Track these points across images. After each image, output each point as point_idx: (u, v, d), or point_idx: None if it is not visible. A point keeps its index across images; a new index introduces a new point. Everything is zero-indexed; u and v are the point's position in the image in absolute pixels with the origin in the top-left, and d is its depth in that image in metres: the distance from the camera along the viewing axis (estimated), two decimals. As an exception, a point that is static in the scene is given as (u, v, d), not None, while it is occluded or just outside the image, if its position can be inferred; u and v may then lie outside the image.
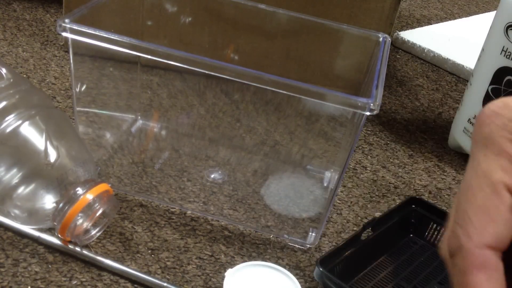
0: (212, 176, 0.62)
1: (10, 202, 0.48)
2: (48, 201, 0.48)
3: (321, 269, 0.46)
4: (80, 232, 0.48)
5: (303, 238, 0.55)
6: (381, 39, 0.57)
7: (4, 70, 0.51)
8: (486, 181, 0.21)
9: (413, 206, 0.57)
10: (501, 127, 0.21)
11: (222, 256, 0.52)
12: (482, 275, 0.20)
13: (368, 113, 0.44)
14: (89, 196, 0.47)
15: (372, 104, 0.44)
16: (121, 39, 0.46)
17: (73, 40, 0.49)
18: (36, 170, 0.47)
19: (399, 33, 1.06)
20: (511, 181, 0.21)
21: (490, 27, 0.69)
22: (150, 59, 0.46)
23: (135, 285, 0.48)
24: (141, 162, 0.62)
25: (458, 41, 1.06)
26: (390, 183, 0.66)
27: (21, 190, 0.47)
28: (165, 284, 0.47)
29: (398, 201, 0.63)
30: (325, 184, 0.63)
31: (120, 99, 0.67)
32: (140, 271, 0.48)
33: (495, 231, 0.20)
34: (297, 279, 0.47)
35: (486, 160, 0.21)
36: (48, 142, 0.48)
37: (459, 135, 0.73)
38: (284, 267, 0.49)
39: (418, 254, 0.55)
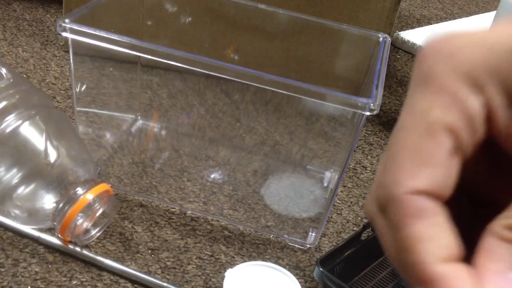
0: (212, 176, 0.62)
1: (10, 202, 0.48)
2: (48, 201, 0.48)
3: (321, 269, 0.46)
4: (80, 232, 0.48)
5: (303, 238, 0.55)
6: (381, 39, 0.57)
7: (4, 70, 0.51)
8: (421, 120, 0.18)
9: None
10: (443, 62, 0.18)
11: (222, 256, 0.52)
12: (420, 224, 0.17)
13: (368, 113, 0.44)
14: (89, 196, 0.47)
15: (372, 104, 0.44)
16: (121, 39, 0.46)
17: (73, 40, 0.49)
18: (36, 170, 0.47)
19: (399, 33, 1.06)
20: (453, 120, 0.18)
21: (490, 27, 0.69)
22: (150, 59, 0.46)
23: (135, 285, 0.48)
24: (141, 162, 0.62)
25: (458, 41, 1.06)
26: (390, 183, 0.66)
27: (21, 190, 0.47)
28: (165, 284, 0.47)
29: (398, 201, 0.63)
30: (325, 184, 0.63)
31: (120, 99, 0.67)
32: (140, 271, 0.48)
33: (429, 175, 0.17)
34: (297, 279, 0.47)
35: (424, 98, 0.18)
36: (48, 142, 0.48)
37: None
38: (284, 267, 0.49)
39: None
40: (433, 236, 0.17)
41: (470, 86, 0.17)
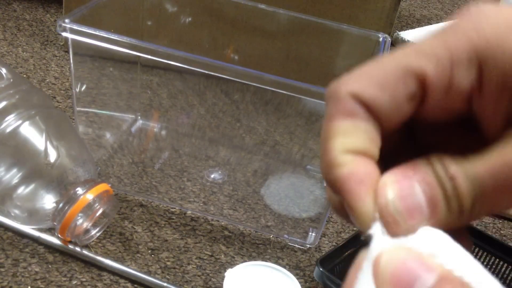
0: (212, 176, 0.62)
1: (10, 202, 0.48)
2: (48, 201, 0.48)
3: (321, 269, 0.46)
4: (80, 232, 0.48)
5: (303, 238, 0.55)
6: (381, 39, 0.57)
7: (4, 70, 0.51)
8: (398, 63, 0.18)
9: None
10: (469, 27, 0.18)
11: (222, 256, 0.52)
12: (344, 121, 0.18)
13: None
14: (89, 196, 0.47)
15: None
16: (121, 39, 0.46)
17: (73, 40, 0.49)
18: (36, 170, 0.47)
19: (399, 33, 1.06)
20: (433, 75, 0.18)
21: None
22: (150, 59, 0.46)
23: (135, 285, 0.48)
24: (141, 162, 0.62)
25: (458, 41, 1.06)
26: (390, 183, 0.66)
27: (21, 190, 0.47)
28: (165, 284, 0.47)
29: (398, 201, 0.63)
30: (325, 184, 0.63)
31: (120, 99, 0.67)
32: (140, 271, 0.48)
33: (366, 85, 0.18)
34: (297, 279, 0.47)
35: (406, 48, 0.19)
36: (48, 142, 0.48)
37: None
38: (284, 267, 0.49)
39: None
40: (348, 133, 0.18)
41: (473, 61, 0.18)
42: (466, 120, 0.19)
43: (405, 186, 0.17)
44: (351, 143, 0.18)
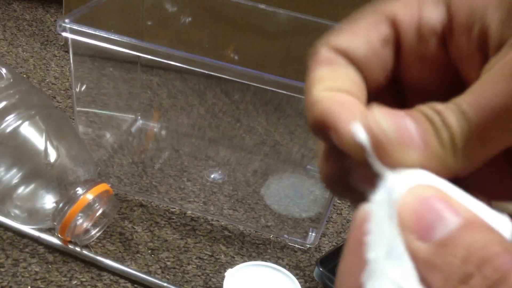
0: (212, 176, 0.62)
1: (10, 202, 0.48)
2: (48, 201, 0.48)
3: (321, 269, 0.46)
4: (80, 232, 0.48)
5: (303, 238, 0.55)
6: (381, 39, 0.57)
7: (4, 70, 0.51)
8: (369, 10, 0.19)
9: (413, 206, 0.57)
10: None
11: (222, 256, 0.52)
12: (324, 70, 0.19)
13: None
14: (89, 196, 0.47)
15: (372, 104, 0.44)
16: (121, 39, 0.46)
17: (73, 40, 0.49)
18: (36, 170, 0.47)
19: (399, 33, 1.06)
20: (403, 17, 0.19)
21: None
22: (150, 59, 0.46)
23: (135, 285, 0.48)
24: (141, 162, 0.62)
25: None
26: (390, 183, 0.66)
27: (21, 190, 0.47)
28: (165, 284, 0.47)
29: (398, 201, 0.63)
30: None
31: (120, 99, 0.67)
32: (140, 271, 0.48)
33: (349, 39, 0.19)
34: (297, 279, 0.47)
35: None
36: (48, 142, 0.48)
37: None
38: (284, 267, 0.49)
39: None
40: (328, 77, 0.18)
41: None
42: (454, 87, 0.19)
43: (395, 117, 0.17)
44: (332, 84, 0.18)
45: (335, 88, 0.18)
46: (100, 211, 0.48)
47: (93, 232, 0.50)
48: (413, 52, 0.19)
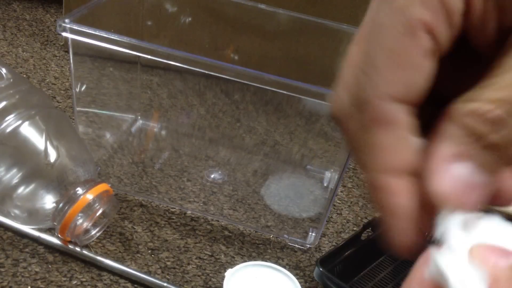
0: (212, 176, 0.62)
1: (10, 202, 0.48)
2: (48, 201, 0.48)
3: (321, 269, 0.46)
4: (80, 232, 0.48)
5: (303, 238, 0.55)
6: (381, 39, 0.57)
7: (4, 70, 0.51)
8: (400, 18, 0.16)
9: (413, 206, 0.57)
10: None
11: (222, 256, 0.52)
12: (386, 132, 0.17)
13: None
14: (89, 196, 0.47)
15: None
16: (121, 39, 0.46)
17: (73, 40, 0.49)
18: (36, 170, 0.47)
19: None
20: (432, 19, 0.17)
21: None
22: (150, 59, 0.46)
23: (135, 285, 0.48)
24: (141, 162, 0.62)
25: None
26: (390, 183, 0.66)
27: (21, 190, 0.47)
28: (165, 284, 0.47)
29: (398, 201, 0.63)
30: (325, 184, 0.63)
31: (120, 99, 0.67)
32: (140, 271, 0.48)
33: (406, 80, 0.17)
34: (297, 279, 0.47)
35: None
36: (48, 142, 0.48)
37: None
38: (284, 267, 0.49)
39: (418, 254, 0.54)
40: (390, 147, 0.17)
41: None
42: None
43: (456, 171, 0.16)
44: (396, 159, 0.17)
45: (399, 169, 0.17)
46: (100, 211, 0.48)
47: (93, 232, 0.50)
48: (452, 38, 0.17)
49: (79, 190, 0.47)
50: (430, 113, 0.19)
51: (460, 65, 0.19)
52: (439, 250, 0.17)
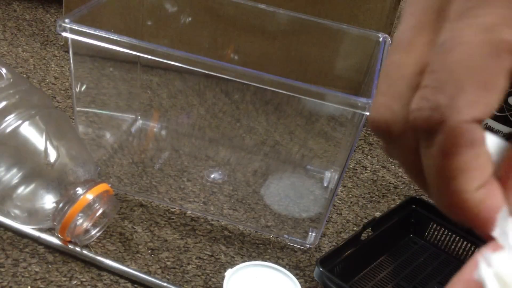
0: (212, 176, 0.62)
1: (10, 202, 0.48)
2: (48, 201, 0.48)
3: (321, 269, 0.46)
4: (80, 232, 0.48)
5: (303, 238, 0.55)
6: (381, 39, 0.57)
7: (4, 70, 0.51)
8: (488, 38, 0.16)
9: (413, 206, 0.57)
10: None
11: (222, 256, 0.52)
12: (470, 154, 0.16)
13: (368, 113, 0.44)
14: (89, 196, 0.47)
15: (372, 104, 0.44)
16: (121, 39, 0.46)
17: (73, 40, 0.49)
18: (36, 170, 0.47)
19: (399, 33, 1.05)
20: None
21: None
22: (150, 59, 0.46)
23: (135, 285, 0.48)
24: (141, 162, 0.62)
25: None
26: (390, 183, 0.66)
27: (21, 190, 0.47)
28: (165, 284, 0.47)
29: (398, 201, 0.63)
30: (325, 184, 0.63)
31: (120, 99, 0.67)
32: (140, 271, 0.48)
33: (489, 102, 0.16)
34: (297, 279, 0.47)
35: (491, 13, 0.16)
36: (48, 142, 0.48)
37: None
38: (284, 267, 0.49)
39: (418, 254, 0.55)
40: (477, 166, 0.17)
41: None
42: None
43: None
44: (481, 178, 0.17)
45: (484, 184, 0.17)
46: (100, 211, 0.48)
47: (93, 232, 0.50)
48: None
49: (79, 190, 0.47)
50: None
51: None
52: (494, 251, 0.17)
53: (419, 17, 0.18)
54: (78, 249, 0.49)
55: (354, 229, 0.58)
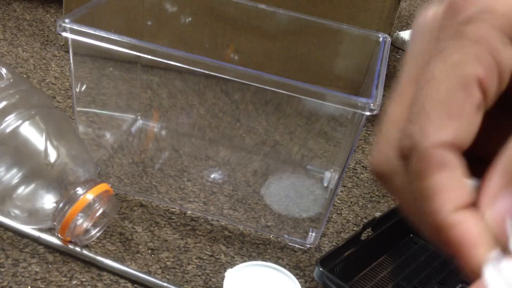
0: (212, 176, 0.62)
1: (10, 202, 0.48)
2: (48, 201, 0.48)
3: (321, 269, 0.46)
4: (80, 232, 0.48)
5: (303, 238, 0.55)
6: (381, 39, 0.57)
7: (4, 70, 0.51)
8: (455, 73, 0.18)
9: (413, 206, 0.57)
10: (485, 11, 0.18)
11: (222, 256, 0.52)
12: (442, 176, 0.18)
13: (368, 113, 0.44)
14: (89, 196, 0.47)
15: (372, 104, 0.44)
16: (121, 39, 0.46)
17: (73, 40, 0.49)
18: (36, 170, 0.47)
19: (399, 33, 1.06)
20: (485, 75, 0.18)
21: None
22: (150, 59, 0.46)
23: (135, 285, 0.48)
24: (141, 162, 0.62)
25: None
26: (390, 183, 0.66)
27: (21, 190, 0.47)
28: (165, 284, 0.47)
29: (398, 201, 0.63)
30: (325, 184, 0.63)
31: (120, 99, 0.67)
32: (140, 271, 0.48)
33: (455, 129, 0.18)
34: (297, 279, 0.47)
35: (460, 50, 0.18)
36: (48, 142, 0.48)
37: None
38: (284, 267, 0.49)
39: (418, 254, 0.55)
40: (450, 188, 0.18)
41: (505, 38, 0.18)
42: None
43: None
44: (455, 199, 0.18)
45: (460, 206, 0.18)
46: (100, 211, 0.48)
47: (93, 232, 0.50)
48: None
49: (79, 190, 0.47)
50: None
51: (497, 117, 0.20)
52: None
53: (412, 71, 0.20)
54: (78, 249, 0.49)
55: (354, 229, 0.58)
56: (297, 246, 0.55)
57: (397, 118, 0.20)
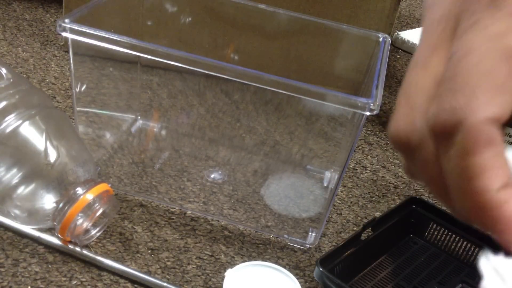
0: (212, 176, 0.62)
1: (10, 202, 0.48)
2: (48, 201, 0.48)
3: (321, 269, 0.46)
4: (80, 232, 0.48)
5: (303, 238, 0.55)
6: (381, 39, 0.57)
7: (4, 70, 0.51)
8: (496, 45, 0.17)
9: (413, 206, 0.57)
10: None
11: (222, 256, 0.52)
12: (489, 153, 0.17)
13: (368, 113, 0.44)
14: (89, 196, 0.47)
15: (372, 104, 0.44)
16: (121, 39, 0.46)
17: (73, 40, 0.49)
18: (36, 170, 0.47)
19: (399, 33, 1.06)
20: None
21: None
22: (150, 59, 0.46)
23: (135, 285, 0.48)
24: (141, 162, 0.62)
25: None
26: (390, 183, 0.66)
27: (21, 190, 0.47)
28: (165, 284, 0.47)
29: (398, 201, 0.63)
30: (325, 184, 0.63)
31: (120, 99, 0.67)
32: (140, 271, 0.48)
33: (502, 103, 0.17)
34: (297, 279, 0.47)
35: (496, 22, 0.18)
36: (48, 142, 0.48)
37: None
38: (284, 267, 0.49)
39: (418, 254, 0.55)
40: (496, 166, 0.17)
41: None
42: None
43: None
44: (502, 177, 0.17)
45: (506, 183, 0.17)
46: (100, 211, 0.48)
47: (93, 232, 0.50)
48: None
49: (79, 190, 0.47)
50: None
51: None
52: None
53: (434, 38, 0.20)
54: (78, 249, 0.49)
55: (354, 229, 0.58)
56: (297, 246, 0.55)
57: (426, 85, 0.19)
